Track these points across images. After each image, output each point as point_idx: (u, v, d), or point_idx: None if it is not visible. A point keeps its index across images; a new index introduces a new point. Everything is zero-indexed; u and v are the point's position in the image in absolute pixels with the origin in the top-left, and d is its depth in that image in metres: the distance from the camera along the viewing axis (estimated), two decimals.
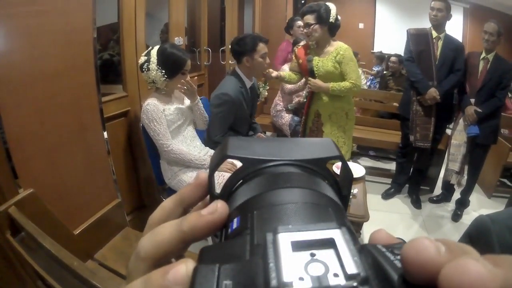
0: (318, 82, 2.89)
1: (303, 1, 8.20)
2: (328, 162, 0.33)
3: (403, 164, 3.95)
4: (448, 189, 3.89)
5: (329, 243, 0.21)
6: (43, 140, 1.73)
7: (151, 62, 2.25)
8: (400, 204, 3.91)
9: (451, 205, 3.87)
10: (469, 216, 3.71)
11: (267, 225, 0.24)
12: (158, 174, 2.59)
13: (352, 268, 0.19)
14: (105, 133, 2.17)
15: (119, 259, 2.04)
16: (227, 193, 0.33)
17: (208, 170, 0.34)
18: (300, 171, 0.32)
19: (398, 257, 0.20)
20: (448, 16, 3.34)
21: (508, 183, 4.53)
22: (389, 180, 4.18)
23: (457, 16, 7.63)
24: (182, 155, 2.37)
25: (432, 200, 3.97)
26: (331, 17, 2.74)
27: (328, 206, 0.27)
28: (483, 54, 3.32)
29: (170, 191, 2.59)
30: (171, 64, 2.29)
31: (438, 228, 3.51)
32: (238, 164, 0.32)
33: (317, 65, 2.88)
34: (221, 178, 2.37)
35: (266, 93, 3.24)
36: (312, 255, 0.21)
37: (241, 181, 0.32)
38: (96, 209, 2.12)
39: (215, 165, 0.33)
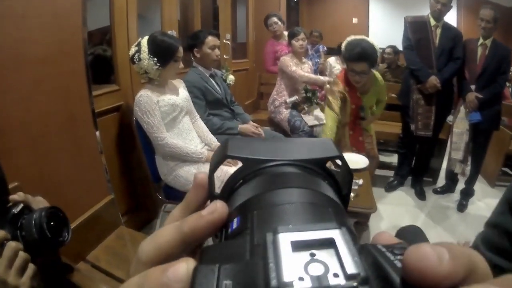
0: (369, 122, 2.95)
1: (295, 0, 8.22)
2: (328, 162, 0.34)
3: (405, 154, 3.91)
4: (452, 179, 3.84)
5: (329, 243, 0.21)
6: (29, 129, 1.62)
7: (142, 52, 2.18)
8: (404, 196, 3.85)
9: (455, 196, 3.82)
10: (474, 206, 3.68)
11: (267, 225, 0.24)
12: (154, 171, 2.48)
13: (352, 268, 0.19)
14: (96, 127, 2.07)
15: (113, 260, 1.93)
16: (227, 193, 0.33)
17: (205, 164, 0.34)
18: (300, 171, 0.32)
19: (398, 257, 0.20)
20: (449, 7, 3.36)
21: (510, 172, 4.51)
22: (391, 173, 4.12)
23: (451, 10, 7.61)
24: (178, 148, 2.28)
25: (436, 191, 3.92)
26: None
27: (328, 206, 0.27)
28: (481, 40, 3.30)
29: (167, 189, 2.49)
30: (163, 52, 2.22)
31: (444, 219, 3.45)
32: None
33: (365, 105, 2.84)
34: (219, 171, 2.29)
35: (232, 77, 3.31)
36: (312, 255, 0.21)
37: (241, 181, 0.33)
38: (87, 206, 2.00)
39: (215, 165, 0.33)
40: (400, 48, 4.07)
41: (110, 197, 2.16)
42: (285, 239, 0.21)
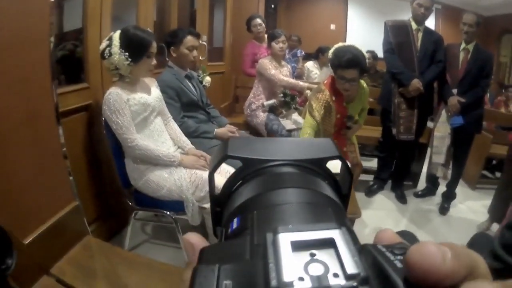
0: (354, 132, 2.85)
1: (272, 6, 8.19)
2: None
3: (385, 158, 3.87)
4: (433, 182, 3.85)
5: (329, 243, 0.21)
6: None
7: (113, 46, 2.03)
8: (384, 200, 3.81)
9: (436, 199, 3.82)
10: (456, 208, 3.69)
11: (267, 225, 0.24)
12: (123, 175, 2.31)
13: (352, 268, 0.19)
14: (60, 127, 1.90)
15: (79, 273, 1.76)
16: (227, 193, 0.34)
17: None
18: (300, 171, 0.32)
19: (398, 257, 0.20)
20: (431, 11, 3.41)
21: (489, 175, 4.56)
22: (370, 177, 4.07)
23: (430, 17, 7.72)
24: (149, 151, 2.13)
25: (417, 195, 3.90)
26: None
27: (328, 206, 0.28)
28: (463, 45, 3.34)
29: (137, 194, 2.33)
30: (135, 46, 2.08)
31: (427, 223, 3.43)
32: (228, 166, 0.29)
33: (351, 114, 2.74)
34: (193, 176, 2.20)
35: (208, 79, 3.23)
36: (312, 255, 0.21)
37: (241, 181, 0.33)
38: (49, 213, 1.82)
39: (215, 165, 0.34)
40: (378, 53, 4.06)
41: (75, 204, 1.99)
42: (285, 239, 0.21)
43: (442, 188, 3.77)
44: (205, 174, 2.23)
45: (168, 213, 2.28)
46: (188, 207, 2.17)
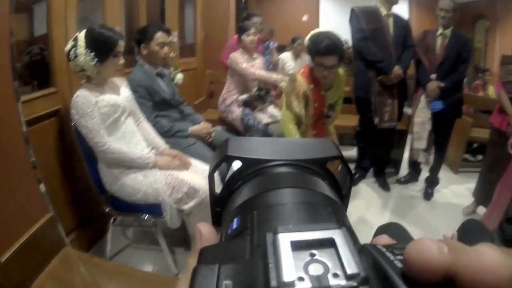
0: (333, 120, 2.78)
1: (243, 1, 8.12)
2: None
3: (364, 148, 3.85)
4: (415, 168, 3.86)
5: (329, 243, 0.21)
6: None
7: (78, 47, 1.93)
8: (367, 189, 3.79)
9: (419, 185, 3.83)
10: (440, 193, 3.69)
11: (267, 225, 0.25)
12: (98, 181, 2.22)
13: (352, 268, 0.19)
14: (27, 137, 1.81)
15: None
16: (227, 193, 0.33)
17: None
18: (300, 171, 0.32)
19: (398, 257, 0.20)
20: None
21: (471, 158, 4.59)
22: (351, 167, 3.99)
23: (403, 3, 7.75)
24: (122, 154, 2.05)
25: (399, 182, 3.91)
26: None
27: (328, 206, 0.28)
28: (440, 30, 3.32)
29: (114, 200, 2.24)
30: (101, 46, 1.98)
31: (411, 209, 3.42)
32: (196, 162, 0.26)
33: (329, 102, 2.66)
34: (169, 177, 2.13)
35: (180, 76, 3.14)
36: (312, 255, 0.21)
37: (241, 181, 0.33)
38: (24, 228, 1.73)
39: (215, 166, 0.34)
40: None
41: (49, 215, 1.89)
42: (285, 239, 0.21)
43: (424, 173, 3.77)
44: (181, 174, 2.18)
45: (146, 217, 2.21)
46: (166, 210, 2.10)
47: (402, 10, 7.64)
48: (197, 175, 2.24)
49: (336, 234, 0.21)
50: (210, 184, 0.34)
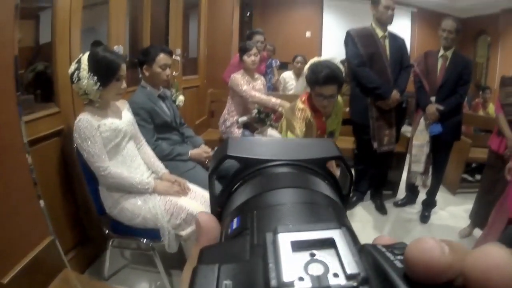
0: None
1: (248, 14, 8.18)
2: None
3: (362, 170, 3.80)
4: (412, 191, 3.83)
5: (329, 243, 0.21)
6: None
7: (81, 70, 1.95)
8: (364, 212, 3.76)
9: (416, 207, 3.81)
10: (437, 215, 3.69)
11: (267, 225, 0.25)
12: (98, 203, 2.25)
13: (352, 268, 0.19)
14: (29, 157, 1.84)
15: None
16: (227, 193, 0.33)
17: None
18: (300, 171, 0.32)
19: (398, 257, 0.20)
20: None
21: (470, 178, 4.58)
22: None
23: (405, 20, 7.79)
24: (122, 179, 2.07)
25: (397, 204, 3.88)
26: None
27: (328, 206, 0.28)
28: (441, 52, 3.30)
29: (114, 223, 2.26)
30: (104, 70, 2.00)
31: (408, 232, 3.41)
32: (195, 188, 0.25)
33: (330, 129, 2.69)
34: (168, 203, 2.14)
35: (182, 98, 3.21)
36: (312, 255, 0.21)
37: (241, 181, 0.33)
38: (25, 251, 1.78)
39: (215, 166, 0.34)
40: None
41: (50, 239, 1.94)
42: (285, 239, 0.21)
43: (422, 195, 3.75)
44: (180, 200, 2.19)
45: (145, 241, 2.23)
46: (165, 235, 2.12)
47: (404, 27, 7.72)
48: (195, 201, 2.24)
49: (336, 234, 0.22)
50: (210, 185, 0.34)
